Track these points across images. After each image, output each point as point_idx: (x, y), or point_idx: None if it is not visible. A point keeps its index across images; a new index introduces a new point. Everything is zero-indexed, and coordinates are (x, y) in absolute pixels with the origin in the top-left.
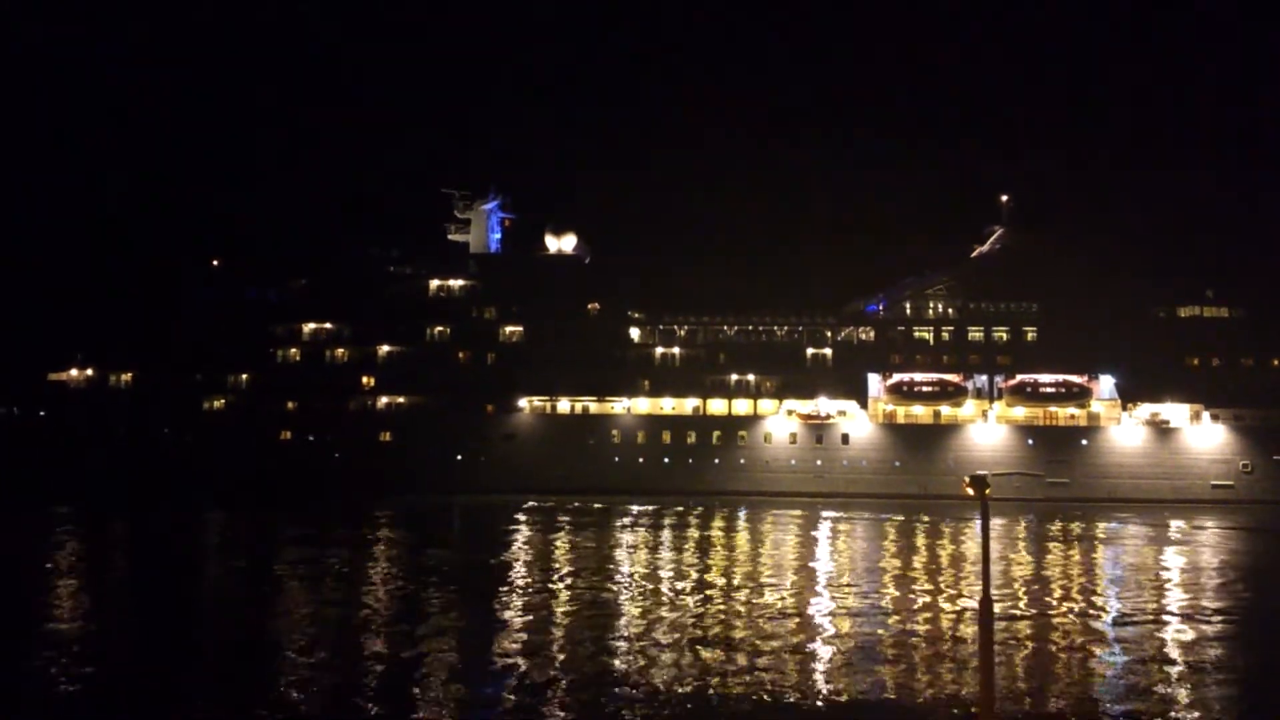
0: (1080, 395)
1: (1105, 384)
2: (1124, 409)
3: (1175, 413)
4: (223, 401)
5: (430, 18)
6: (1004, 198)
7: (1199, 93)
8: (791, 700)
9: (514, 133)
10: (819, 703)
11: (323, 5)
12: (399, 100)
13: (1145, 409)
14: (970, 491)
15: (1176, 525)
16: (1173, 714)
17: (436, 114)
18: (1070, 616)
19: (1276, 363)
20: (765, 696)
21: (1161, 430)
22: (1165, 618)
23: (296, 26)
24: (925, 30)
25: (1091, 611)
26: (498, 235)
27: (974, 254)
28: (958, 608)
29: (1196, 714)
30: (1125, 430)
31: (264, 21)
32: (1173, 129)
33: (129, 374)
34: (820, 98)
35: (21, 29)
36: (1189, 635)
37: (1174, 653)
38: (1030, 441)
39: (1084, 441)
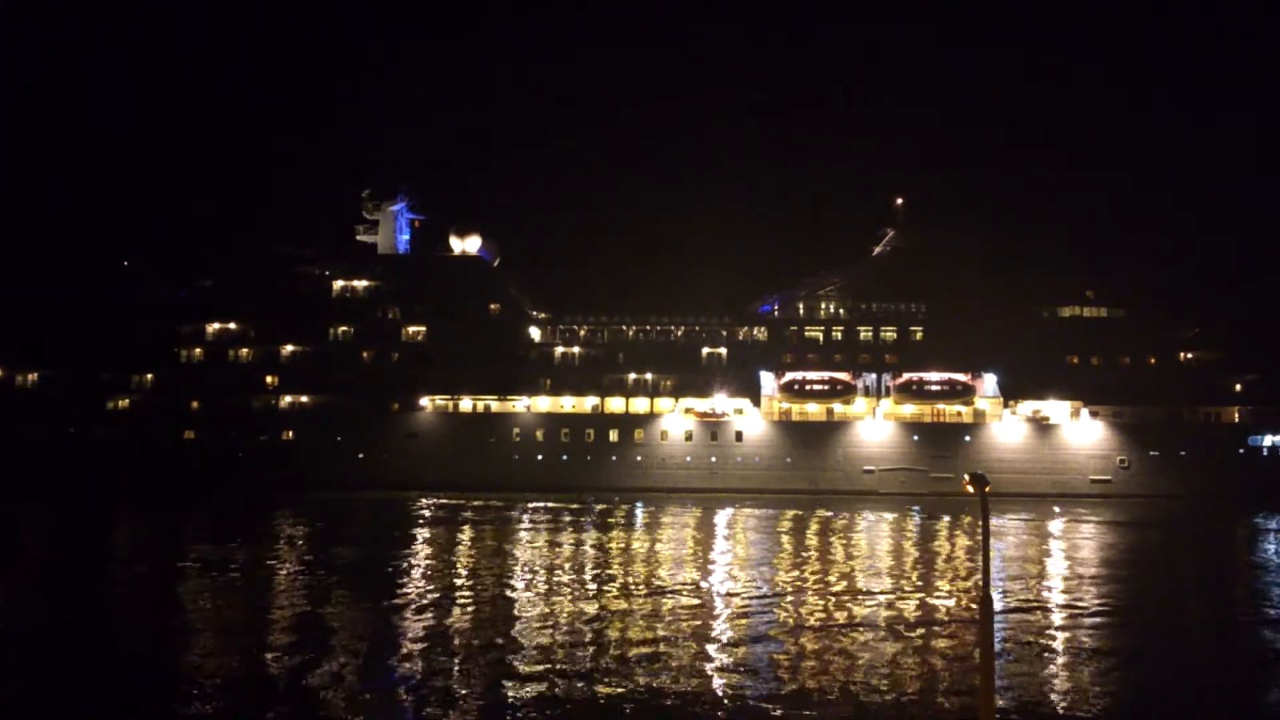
0: (965, 393)
1: (989, 382)
2: (1007, 406)
3: (1056, 409)
4: (128, 401)
5: (342, 14)
6: (898, 201)
7: (1085, 100)
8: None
9: (425, 134)
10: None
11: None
12: (314, 100)
13: (1027, 406)
14: (970, 490)
15: (1056, 522)
16: (1054, 697)
17: (350, 114)
18: (962, 604)
19: (1153, 361)
20: (668, 699)
21: (1042, 426)
22: (1049, 607)
23: (221, 23)
24: (827, 31)
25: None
26: (406, 236)
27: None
28: (868, 601)
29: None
30: (1007, 426)
31: (183, 16)
32: (1061, 136)
33: (35, 374)
34: (727, 98)
35: None
36: (1071, 622)
37: (1057, 638)
38: (916, 438)
39: (967, 438)
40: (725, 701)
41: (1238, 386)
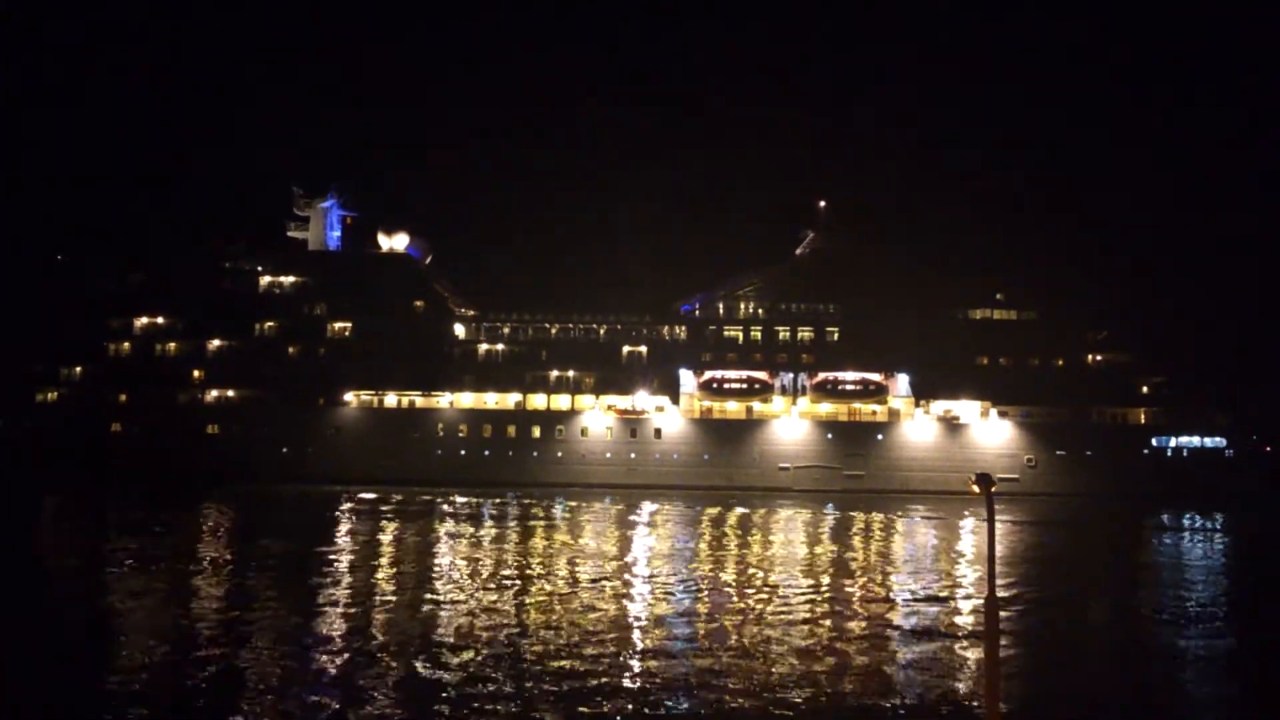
0: (878, 392)
1: (902, 382)
2: (919, 405)
3: (966, 409)
4: (56, 394)
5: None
6: (821, 203)
7: (997, 101)
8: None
9: (360, 131)
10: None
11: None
12: (246, 95)
13: (939, 405)
14: (976, 490)
15: (968, 520)
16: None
17: (285, 111)
18: (871, 602)
19: (1061, 363)
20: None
21: (952, 426)
22: (960, 602)
23: (156, 14)
24: (756, 31)
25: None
26: (337, 233)
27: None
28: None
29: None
30: (919, 426)
31: (118, 7)
32: (973, 139)
33: None
34: (654, 99)
35: None
36: (976, 617)
37: (965, 630)
38: (830, 436)
39: (879, 436)
40: (649, 699)
41: (1144, 389)
